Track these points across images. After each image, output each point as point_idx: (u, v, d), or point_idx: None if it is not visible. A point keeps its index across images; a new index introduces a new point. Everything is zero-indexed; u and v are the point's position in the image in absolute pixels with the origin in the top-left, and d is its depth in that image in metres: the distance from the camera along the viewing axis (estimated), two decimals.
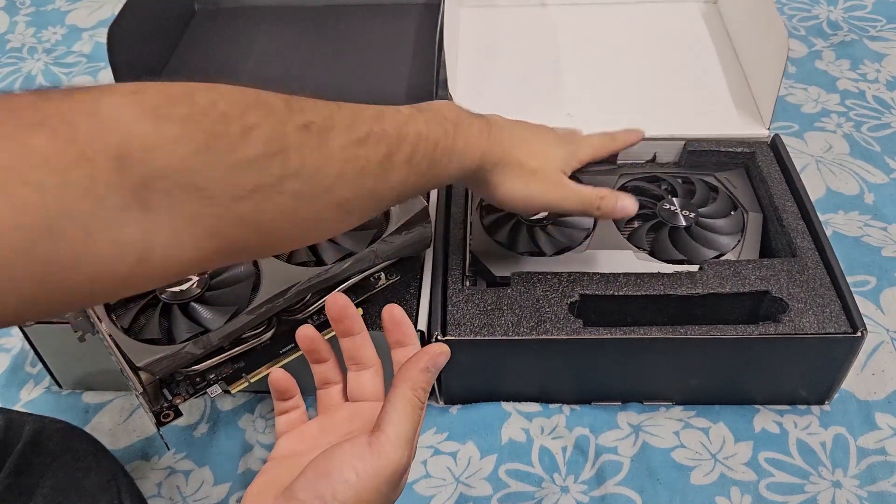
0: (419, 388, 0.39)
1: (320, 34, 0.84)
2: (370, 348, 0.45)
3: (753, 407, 0.60)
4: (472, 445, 0.59)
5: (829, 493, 0.55)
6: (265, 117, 0.32)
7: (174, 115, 0.28)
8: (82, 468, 0.47)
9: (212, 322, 0.49)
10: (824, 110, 0.86)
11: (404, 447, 0.37)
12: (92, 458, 0.48)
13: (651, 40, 0.81)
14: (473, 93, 0.75)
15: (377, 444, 0.36)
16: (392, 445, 0.36)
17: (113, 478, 0.48)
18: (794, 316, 0.55)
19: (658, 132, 0.69)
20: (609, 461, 0.57)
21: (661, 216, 0.64)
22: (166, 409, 0.48)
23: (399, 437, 0.37)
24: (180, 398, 0.49)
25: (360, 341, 0.44)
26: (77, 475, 0.46)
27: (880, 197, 0.76)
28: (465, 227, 0.64)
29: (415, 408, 0.38)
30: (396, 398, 0.38)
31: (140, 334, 0.49)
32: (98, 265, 0.27)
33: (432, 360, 0.39)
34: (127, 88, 0.28)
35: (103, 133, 0.26)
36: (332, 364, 0.45)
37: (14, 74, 0.97)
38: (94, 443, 0.50)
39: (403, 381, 0.38)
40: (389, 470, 0.36)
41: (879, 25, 0.97)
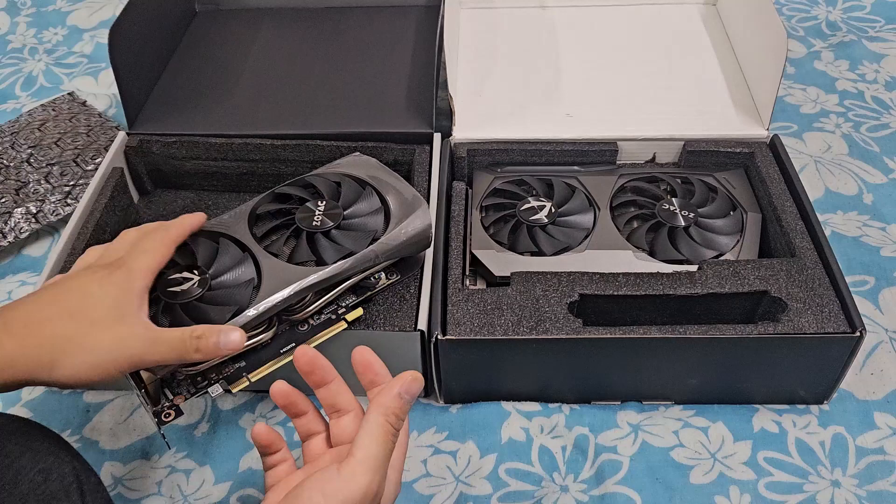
0: (391, 414, 0.39)
1: (321, 36, 0.85)
2: (346, 393, 0.46)
3: (752, 406, 0.60)
4: (471, 445, 0.59)
5: (828, 492, 0.55)
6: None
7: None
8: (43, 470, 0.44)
9: (213, 322, 0.49)
10: (823, 111, 0.86)
11: (374, 471, 0.37)
12: (53, 459, 0.45)
13: (650, 41, 0.81)
14: (473, 93, 0.76)
15: (345, 467, 0.37)
16: (361, 467, 0.37)
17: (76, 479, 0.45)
18: (793, 316, 0.55)
19: (657, 132, 0.70)
20: (608, 460, 0.57)
21: (661, 216, 0.64)
22: (167, 408, 0.48)
23: (367, 459, 0.37)
24: (181, 397, 0.49)
25: (335, 388, 0.45)
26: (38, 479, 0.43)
27: (879, 197, 0.76)
28: (465, 227, 0.64)
29: (386, 433, 0.39)
30: (368, 423, 0.39)
31: None
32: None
33: (405, 387, 0.40)
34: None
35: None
36: (313, 415, 0.46)
37: (15, 75, 0.97)
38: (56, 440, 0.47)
39: (376, 406, 0.40)
40: (358, 493, 0.37)
41: (878, 26, 0.97)
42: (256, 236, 0.55)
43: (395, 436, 0.40)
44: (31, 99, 0.94)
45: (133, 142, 0.71)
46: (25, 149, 0.79)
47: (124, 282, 0.45)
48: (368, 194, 0.58)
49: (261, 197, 0.58)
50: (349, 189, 0.58)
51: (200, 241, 0.54)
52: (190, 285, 0.51)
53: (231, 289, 0.51)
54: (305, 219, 0.55)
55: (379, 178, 0.59)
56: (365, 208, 0.57)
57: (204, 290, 0.51)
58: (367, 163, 0.61)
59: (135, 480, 0.58)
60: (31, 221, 0.73)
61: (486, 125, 0.71)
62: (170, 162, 0.73)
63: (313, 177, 0.59)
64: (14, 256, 0.75)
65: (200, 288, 0.51)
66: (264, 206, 0.57)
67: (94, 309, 0.43)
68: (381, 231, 0.55)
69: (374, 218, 0.56)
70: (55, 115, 0.84)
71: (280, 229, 0.56)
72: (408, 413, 0.41)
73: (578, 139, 0.69)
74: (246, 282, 0.52)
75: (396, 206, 0.56)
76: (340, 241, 0.54)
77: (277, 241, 0.55)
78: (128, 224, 0.70)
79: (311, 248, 0.54)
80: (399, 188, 0.58)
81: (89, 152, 0.79)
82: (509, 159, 0.70)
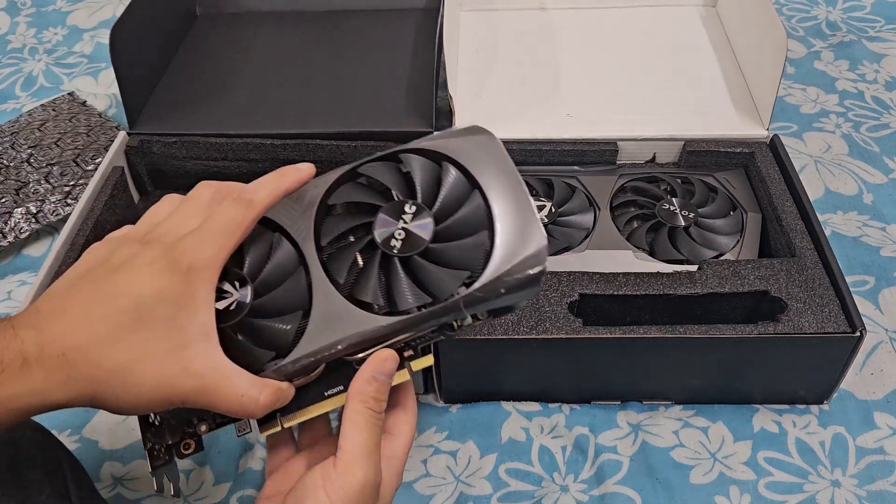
0: (369, 398, 0.38)
1: (321, 37, 0.85)
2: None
3: (752, 406, 0.60)
4: (471, 444, 0.59)
5: (828, 492, 0.55)
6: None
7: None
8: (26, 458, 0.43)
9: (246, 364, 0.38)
10: (823, 111, 0.86)
11: (366, 459, 0.37)
12: (36, 448, 0.44)
13: (650, 42, 0.81)
14: (473, 95, 0.76)
15: (339, 462, 0.37)
16: (353, 459, 0.37)
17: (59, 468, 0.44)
18: (793, 316, 0.55)
19: (658, 132, 0.70)
20: (608, 460, 0.57)
21: (661, 216, 0.64)
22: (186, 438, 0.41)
23: (356, 449, 0.37)
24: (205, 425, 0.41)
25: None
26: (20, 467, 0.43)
27: (879, 197, 0.76)
28: None
29: (369, 420, 0.38)
30: (348, 413, 0.38)
31: None
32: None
33: (377, 369, 0.38)
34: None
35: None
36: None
37: (15, 75, 0.97)
38: (40, 431, 0.46)
39: (352, 396, 0.38)
40: (358, 485, 0.36)
41: (878, 26, 0.97)
42: (320, 241, 0.41)
43: (378, 419, 0.38)
44: (31, 99, 0.94)
45: (133, 142, 0.71)
46: (25, 149, 0.79)
47: (185, 286, 0.35)
48: (474, 202, 0.41)
49: (342, 173, 0.43)
50: (453, 189, 0.41)
51: (255, 233, 0.40)
52: (227, 305, 0.38)
53: (273, 322, 0.39)
54: (386, 231, 0.40)
55: (488, 172, 0.42)
56: (465, 225, 0.40)
57: (241, 315, 0.38)
58: (487, 146, 0.43)
59: (134, 481, 0.58)
60: (31, 221, 0.73)
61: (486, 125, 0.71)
62: (170, 162, 0.73)
63: (411, 155, 0.42)
64: (14, 256, 0.75)
65: (238, 313, 0.38)
66: (343, 196, 0.42)
67: (145, 330, 0.34)
68: (480, 267, 0.39)
69: (474, 246, 0.40)
70: (55, 115, 0.84)
71: (350, 236, 0.41)
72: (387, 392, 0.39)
73: (578, 139, 0.69)
74: (291, 315, 0.39)
75: (504, 228, 0.40)
76: (422, 277, 0.40)
77: (342, 256, 0.40)
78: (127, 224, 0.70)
79: (381, 276, 0.40)
80: (511, 192, 0.41)
81: (89, 152, 0.79)
82: None
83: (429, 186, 0.41)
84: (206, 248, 0.36)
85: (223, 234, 0.37)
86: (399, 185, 0.42)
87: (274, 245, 0.41)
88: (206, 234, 0.37)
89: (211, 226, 0.37)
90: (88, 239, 0.63)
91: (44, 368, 0.33)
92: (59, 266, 0.60)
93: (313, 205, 0.41)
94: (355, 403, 0.38)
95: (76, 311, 0.35)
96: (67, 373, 0.33)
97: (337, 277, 0.40)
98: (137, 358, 0.34)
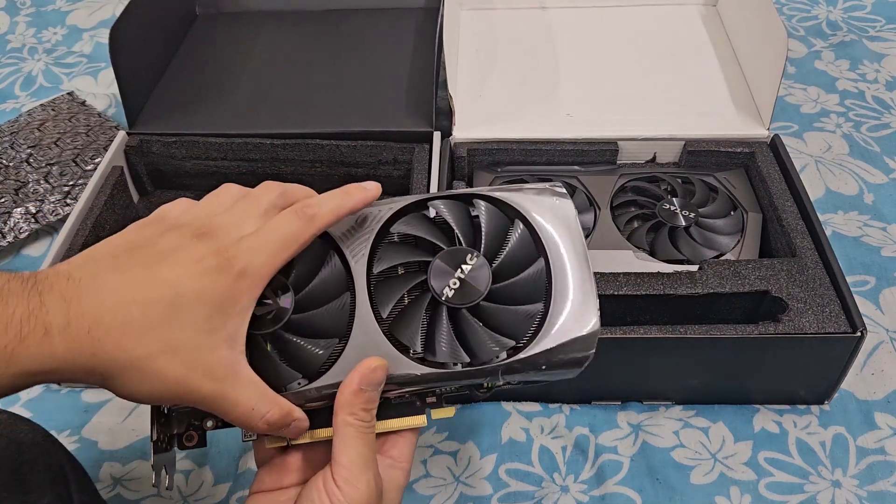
0: (358, 410, 0.36)
1: (321, 37, 0.85)
2: None
3: (753, 406, 0.60)
4: (471, 445, 0.59)
5: (829, 492, 0.55)
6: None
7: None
8: (28, 461, 0.43)
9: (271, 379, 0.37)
10: (824, 110, 0.86)
11: (365, 471, 0.36)
12: (38, 450, 0.43)
13: (650, 42, 0.81)
14: (473, 94, 0.75)
15: (339, 478, 0.36)
16: (352, 475, 0.36)
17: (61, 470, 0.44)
18: (793, 316, 0.55)
19: (658, 132, 0.70)
20: (609, 461, 0.57)
21: (661, 216, 0.64)
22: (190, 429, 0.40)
23: (353, 464, 0.36)
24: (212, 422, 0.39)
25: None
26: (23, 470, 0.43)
27: (880, 197, 0.76)
28: None
29: (359, 431, 0.37)
30: (338, 426, 0.37)
31: None
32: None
33: (365, 380, 0.37)
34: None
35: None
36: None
37: (14, 75, 0.97)
38: (42, 433, 0.45)
39: (340, 407, 0.37)
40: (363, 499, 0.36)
41: (879, 26, 0.97)
42: (372, 268, 0.39)
43: (369, 427, 0.37)
44: (30, 99, 0.94)
45: (133, 141, 0.71)
46: (25, 149, 0.79)
47: (230, 290, 0.35)
48: (536, 269, 0.39)
49: (410, 202, 0.41)
50: (518, 250, 0.40)
51: (312, 243, 0.38)
52: (264, 312, 0.37)
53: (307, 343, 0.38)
54: (441, 276, 0.39)
55: (557, 240, 0.40)
56: (522, 290, 0.39)
57: (277, 326, 0.37)
58: (563, 213, 0.41)
59: (134, 481, 0.58)
60: (31, 221, 0.73)
61: (487, 125, 0.71)
62: (170, 162, 0.72)
63: (484, 203, 0.40)
64: (13, 256, 0.75)
65: (274, 323, 0.37)
66: (406, 227, 0.40)
67: (178, 324, 0.34)
68: (526, 338, 0.38)
69: (526, 315, 0.39)
70: (55, 114, 0.84)
71: (403, 269, 0.40)
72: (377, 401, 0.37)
73: (579, 139, 0.69)
74: (327, 341, 0.38)
75: (560, 304, 0.38)
76: (467, 334, 0.38)
77: (391, 289, 0.39)
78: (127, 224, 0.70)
79: (425, 320, 0.39)
80: (576, 268, 0.39)
81: (89, 152, 0.79)
82: (509, 159, 0.70)
83: (494, 239, 0.40)
84: (260, 256, 0.35)
85: (280, 246, 0.36)
86: (465, 230, 0.40)
87: (326, 261, 0.39)
88: (262, 242, 0.36)
89: (269, 235, 0.36)
90: (88, 239, 0.63)
91: (67, 342, 0.32)
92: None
93: (374, 228, 0.40)
94: (344, 416, 0.37)
95: (113, 289, 0.33)
96: (92, 350, 0.32)
97: (381, 310, 0.38)
98: (165, 351, 0.33)
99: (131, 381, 0.33)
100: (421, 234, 0.40)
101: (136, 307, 0.33)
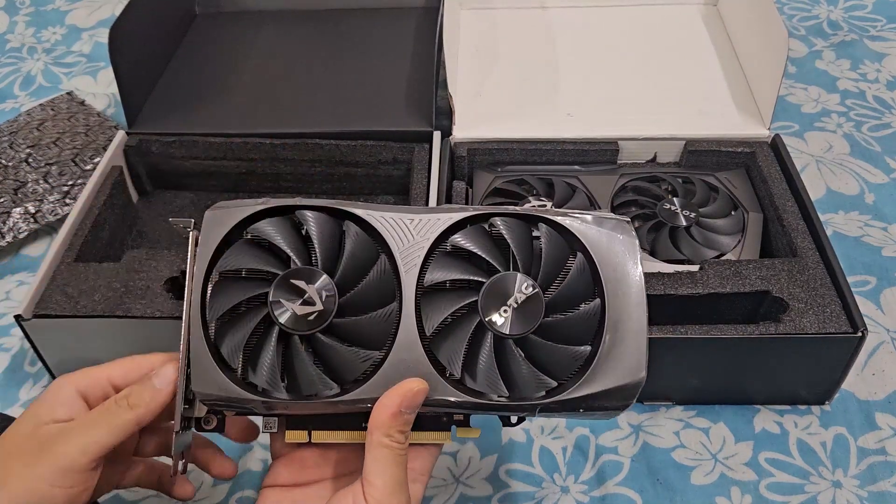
0: (395, 433, 0.36)
1: (320, 37, 0.84)
2: None
3: (754, 407, 0.60)
4: (472, 445, 0.59)
5: (830, 493, 0.55)
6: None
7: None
8: None
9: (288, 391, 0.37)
10: (824, 110, 0.86)
11: (397, 493, 0.36)
12: None
13: (651, 41, 0.81)
14: (473, 93, 0.75)
15: (371, 498, 0.36)
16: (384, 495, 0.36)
17: None
18: (794, 316, 0.55)
19: (658, 132, 0.69)
20: (609, 461, 0.57)
21: (662, 216, 0.64)
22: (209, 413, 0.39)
23: (387, 486, 0.36)
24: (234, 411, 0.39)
25: None
26: None
27: (880, 197, 0.76)
28: None
29: (395, 452, 0.36)
30: (373, 447, 0.36)
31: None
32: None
33: (406, 403, 0.36)
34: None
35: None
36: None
37: (14, 74, 0.97)
38: None
39: (376, 427, 0.36)
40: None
41: (880, 25, 0.97)
42: (422, 280, 0.38)
43: (404, 450, 0.36)
44: (29, 98, 0.93)
45: (132, 141, 0.71)
46: (24, 148, 0.79)
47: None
48: (591, 309, 0.38)
49: (473, 214, 0.39)
50: (575, 286, 0.38)
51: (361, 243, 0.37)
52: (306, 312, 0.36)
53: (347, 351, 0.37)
54: (492, 301, 0.37)
55: (616, 280, 0.38)
56: (572, 329, 0.38)
57: (317, 328, 0.36)
58: (627, 250, 0.39)
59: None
60: (30, 221, 0.73)
61: (487, 124, 0.71)
62: (169, 161, 0.72)
63: (546, 227, 0.39)
64: (12, 256, 0.75)
65: (315, 324, 0.36)
66: (463, 240, 0.38)
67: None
68: (568, 378, 0.37)
69: (572, 356, 0.37)
70: (54, 114, 0.84)
71: (455, 285, 0.38)
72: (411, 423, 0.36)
73: (579, 139, 0.69)
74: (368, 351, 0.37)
75: (609, 349, 0.37)
76: (509, 366, 0.37)
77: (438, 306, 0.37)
78: (126, 224, 0.70)
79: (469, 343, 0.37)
80: (632, 312, 0.38)
81: (88, 152, 0.78)
82: (510, 159, 0.70)
83: (552, 269, 0.38)
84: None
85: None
86: (525, 255, 0.38)
87: (375, 264, 0.38)
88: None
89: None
90: (87, 239, 0.63)
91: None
92: (57, 265, 0.60)
93: (430, 238, 0.38)
94: (378, 437, 0.36)
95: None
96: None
97: (426, 326, 0.37)
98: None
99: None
100: (477, 251, 0.38)
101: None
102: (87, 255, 0.62)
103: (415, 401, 0.36)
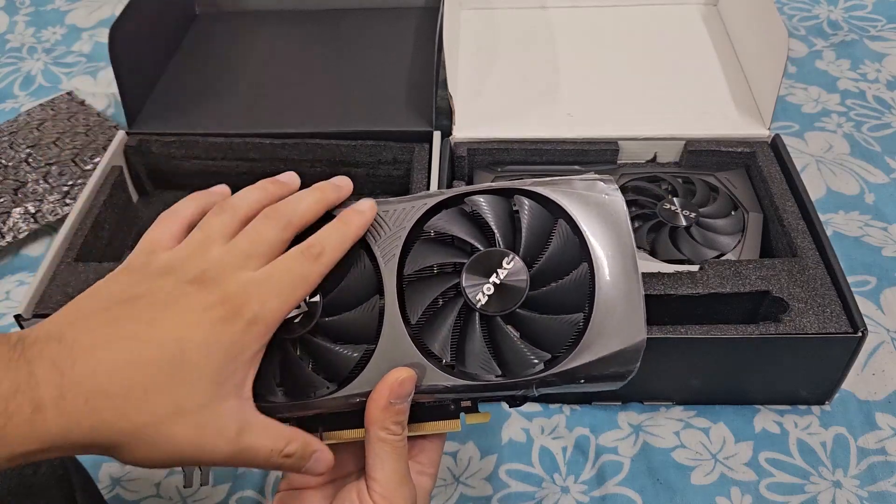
0: (390, 425, 0.35)
1: (320, 37, 0.84)
2: None
3: (754, 407, 0.60)
4: (472, 445, 0.59)
5: (830, 493, 0.55)
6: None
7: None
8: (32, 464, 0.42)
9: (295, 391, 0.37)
10: (825, 110, 0.86)
11: (400, 486, 0.36)
12: None
13: (651, 41, 0.81)
14: (473, 93, 0.75)
15: (376, 494, 0.36)
16: (387, 489, 0.36)
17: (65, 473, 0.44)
18: (794, 316, 0.55)
19: (658, 132, 0.69)
20: (609, 461, 0.57)
21: (662, 216, 0.64)
22: None
23: (389, 479, 0.36)
24: None
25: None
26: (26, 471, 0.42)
27: (881, 197, 0.76)
28: None
29: (393, 445, 0.36)
30: (371, 442, 0.36)
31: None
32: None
33: (394, 394, 0.35)
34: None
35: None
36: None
37: (14, 74, 0.97)
38: None
39: (371, 423, 0.36)
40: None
41: (880, 25, 0.97)
42: (403, 269, 0.37)
43: (401, 441, 0.36)
44: (29, 98, 0.93)
45: (132, 141, 0.71)
46: (24, 148, 0.79)
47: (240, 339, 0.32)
48: (579, 274, 0.36)
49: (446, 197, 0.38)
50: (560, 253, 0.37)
51: None
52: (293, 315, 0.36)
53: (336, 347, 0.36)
54: (476, 280, 0.36)
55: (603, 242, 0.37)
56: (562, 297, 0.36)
57: (305, 330, 0.36)
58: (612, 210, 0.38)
59: (133, 482, 0.58)
60: (30, 221, 0.73)
61: (487, 124, 0.71)
62: (169, 161, 0.72)
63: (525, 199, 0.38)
64: (12, 256, 0.75)
65: (303, 326, 0.36)
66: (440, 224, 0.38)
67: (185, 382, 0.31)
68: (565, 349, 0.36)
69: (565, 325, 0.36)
70: (54, 114, 0.84)
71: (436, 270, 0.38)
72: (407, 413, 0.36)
73: (579, 139, 0.69)
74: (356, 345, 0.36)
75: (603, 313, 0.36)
76: (501, 344, 0.36)
77: (421, 293, 0.37)
78: (126, 224, 0.70)
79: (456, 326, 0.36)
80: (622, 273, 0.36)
81: (88, 152, 0.78)
82: (510, 159, 0.70)
83: (535, 241, 0.37)
84: (270, 303, 0.33)
85: (289, 290, 0.34)
86: (504, 229, 0.37)
87: (355, 261, 0.37)
88: (271, 287, 0.34)
89: (278, 279, 0.34)
90: (87, 239, 0.63)
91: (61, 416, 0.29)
92: (57, 265, 0.60)
93: (406, 226, 0.37)
94: (375, 431, 0.35)
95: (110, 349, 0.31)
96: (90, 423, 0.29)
97: (410, 315, 0.36)
98: (173, 414, 0.31)
99: (139, 450, 0.31)
100: (456, 233, 0.37)
101: (138, 369, 0.30)
102: (87, 255, 0.62)
103: (403, 390, 0.35)
